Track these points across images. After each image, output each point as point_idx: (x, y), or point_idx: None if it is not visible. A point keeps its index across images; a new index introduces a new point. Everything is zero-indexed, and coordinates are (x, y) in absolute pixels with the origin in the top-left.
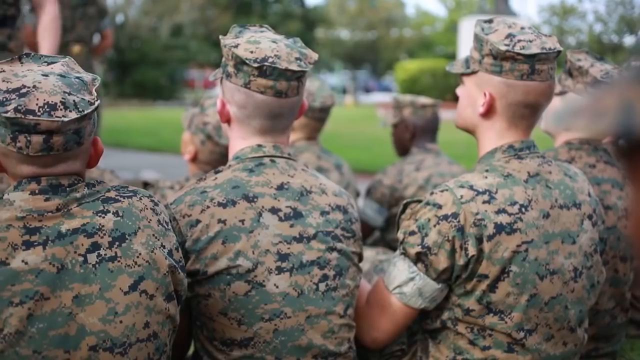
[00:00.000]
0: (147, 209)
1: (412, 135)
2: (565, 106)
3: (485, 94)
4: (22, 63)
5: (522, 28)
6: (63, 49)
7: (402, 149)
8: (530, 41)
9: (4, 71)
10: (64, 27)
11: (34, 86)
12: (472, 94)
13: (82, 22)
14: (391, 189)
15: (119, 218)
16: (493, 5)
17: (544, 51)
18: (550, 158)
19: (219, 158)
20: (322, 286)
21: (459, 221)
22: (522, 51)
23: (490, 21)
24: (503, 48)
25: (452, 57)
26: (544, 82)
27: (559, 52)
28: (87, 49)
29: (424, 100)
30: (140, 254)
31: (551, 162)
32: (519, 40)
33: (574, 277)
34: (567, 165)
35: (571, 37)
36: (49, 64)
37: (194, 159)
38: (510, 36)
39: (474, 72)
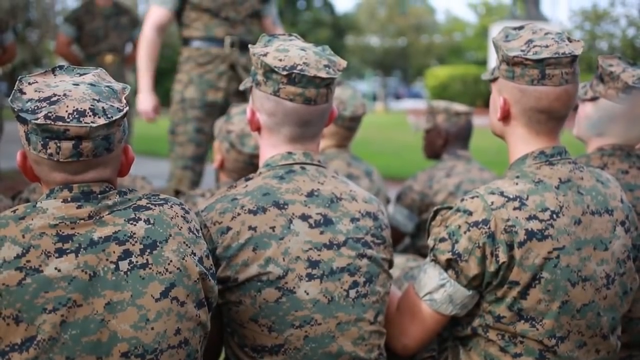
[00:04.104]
0: (178, 216)
1: (445, 142)
2: (601, 113)
3: (501, 99)
4: (55, 75)
5: (547, 34)
6: (95, 58)
7: (433, 154)
8: (546, 46)
9: (36, 82)
10: (97, 36)
11: (64, 94)
12: (495, 100)
13: (115, 32)
14: (421, 195)
15: (150, 226)
16: (524, 10)
17: (555, 56)
18: (582, 164)
19: (243, 166)
20: (352, 293)
21: (489, 228)
22: (531, 56)
23: (520, 27)
24: (512, 54)
25: (482, 63)
26: (557, 87)
27: (574, 57)
28: (119, 58)
29: (458, 107)
30: (171, 261)
31: (583, 168)
32: (535, 46)
33: (606, 283)
34: (599, 171)
35: (604, 42)
36: (81, 75)
37: (222, 167)
38: (529, 42)
39: (495, 79)
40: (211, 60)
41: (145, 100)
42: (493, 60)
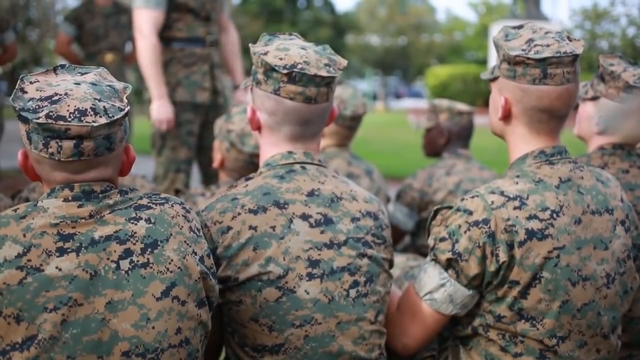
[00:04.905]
0: (179, 215)
1: (446, 141)
2: (607, 111)
3: (502, 99)
4: (56, 74)
5: (547, 33)
6: (96, 57)
7: (432, 153)
8: (547, 45)
9: (38, 81)
10: (97, 35)
11: (66, 93)
12: (495, 99)
13: (115, 31)
14: (421, 193)
15: (151, 225)
16: (524, 9)
17: (556, 55)
18: (582, 163)
19: (243, 165)
20: (352, 292)
21: (489, 227)
22: (533, 55)
23: (520, 27)
24: (513, 53)
25: (482, 62)
26: (558, 86)
27: (576, 56)
28: (119, 57)
29: (461, 106)
30: (172, 260)
31: (583, 168)
32: (536, 45)
33: (606, 283)
34: (599, 170)
35: (604, 41)
36: (82, 74)
37: (222, 166)
38: (529, 41)
39: (496, 78)
40: (195, 60)
41: (162, 107)
42: (493, 60)
